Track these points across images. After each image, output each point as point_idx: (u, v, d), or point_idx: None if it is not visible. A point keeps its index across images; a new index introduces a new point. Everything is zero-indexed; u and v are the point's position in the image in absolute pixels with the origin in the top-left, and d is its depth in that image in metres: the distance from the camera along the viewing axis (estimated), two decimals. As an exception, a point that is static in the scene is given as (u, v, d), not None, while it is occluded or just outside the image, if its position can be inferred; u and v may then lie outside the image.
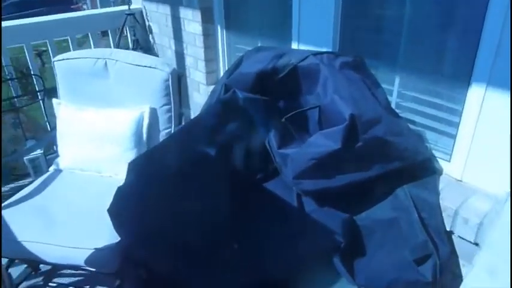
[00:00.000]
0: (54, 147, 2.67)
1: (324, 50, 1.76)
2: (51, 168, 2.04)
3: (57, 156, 2.08)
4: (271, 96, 1.49)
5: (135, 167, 1.33)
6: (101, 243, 1.49)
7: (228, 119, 1.47)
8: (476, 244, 1.34)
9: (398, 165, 1.37)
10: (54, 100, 2.06)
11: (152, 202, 1.28)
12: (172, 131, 1.97)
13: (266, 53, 1.53)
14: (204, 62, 2.46)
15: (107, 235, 1.48)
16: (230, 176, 1.41)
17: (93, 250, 1.47)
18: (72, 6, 16.24)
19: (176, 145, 1.41)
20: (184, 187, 1.32)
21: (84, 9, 17.38)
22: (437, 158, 1.53)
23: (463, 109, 1.41)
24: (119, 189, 1.31)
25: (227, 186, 1.39)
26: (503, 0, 1.18)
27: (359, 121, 1.25)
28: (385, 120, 1.30)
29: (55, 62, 2.04)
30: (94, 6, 16.76)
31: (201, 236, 1.33)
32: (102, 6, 15.75)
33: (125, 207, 1.30)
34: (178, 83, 1.93)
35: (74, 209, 1.70)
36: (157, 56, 2.94)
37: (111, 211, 1.31)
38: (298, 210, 1.34)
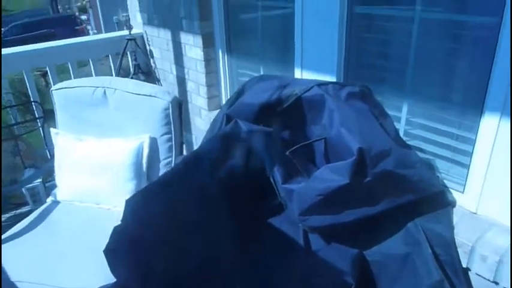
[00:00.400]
0: (54, 174, 2.64)
1: (328, 76, 1.72)
2: (49, 200, 1.99)
3: (55, 185, 2.03)
4: (274, 127, 1.44)
5: (132, 205, 1.26)
6: (97, 283, 1.42)
7: (231, 152, 1.41)
8: (496, 283, 1.26)
9: (410, 199, 1.30)
10: (52, 130, 2.02)
11: (150, 243, 1.21)
12: (173, 161, 1.91)
13: (269, 83, 1.49)
14: (206, 87, 2.42)
15: (103, 275, 1.41)
16: (233, 212, 1.34)
17: (89, 292, 1.41)
18: (76, 28, 16.56)
19: (176, 180, 1.35)
20: (184, 226, 1.26)
21: (88, 30, 17.71)
22: (450, 189, 1.46)
23: (476, 137, 1.35)
24: (116, 229, 1.25)
25: (230, 223, 1.32)
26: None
27: (368, 155, 1.19)
28: (395, 153, 1.24)
29: (53, 91, 2.00)
30: (98, 26, 17.07)
31: (202, 278, 1.26)
32: (106, 27, 16.02)
33: (121, 248, 1.24)
34: (179, 111, 1.89)
35: (70, 245, 1.64)
36: (159, 81, 2.92)
37: (107, 252, 1.24)
38: (305, 248, 1.27)
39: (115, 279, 1.31)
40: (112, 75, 2.85)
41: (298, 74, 1.88)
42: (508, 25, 1.15)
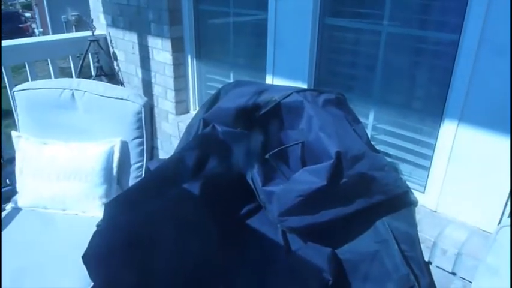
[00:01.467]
0: (7, 180, 2.48)
1: (299, 83, 1.80)
2: (9, 206, 1.89)
3: (13, 190, 1.93)
4: (252, 131, 1.48)
5: (111, 210, 1.25)
6: (71, 291, 1.38)
7: (209, 155, 1.44)
8: (454, 273, 1.38)
9: (380, 199, 1.40)
10: (13, 133, 1.92)
11: (130, 248, 1.20)
12: (144, 165, 1.89)
13: (246, 88, 1.53)
14: (174, 92, 2.41)
15: (75, 281, 1.38)
16: (213, 214, 1.36)
17: (63, 300, 1.37)
18: (20, 25, 15.60)
19: (156, 185, 1.35)
20: (165, 230, 1.26)
21: (33, 28, 16.74)
22: (413, 190, 1.58)
23: (436, 142, 1.48)
24: (95, 234, 1.23)
25: (210, 225, 1.34)
26: (473, 41, 1.27)
27: (344, 158, 1.26)
28: (367, 156, 1.33)
29: (15, 92, 1.91)
30: (44, 25, 16.19)
31: (182, 280, 1.26)
32: (52, 26, 15.22)
33: (101, 253, 1.22)
34: (151, 115, 1.88)
35: (38, 252, 1.57)
36: (123, 84, 2.86)
37: (86, 257, 1.22)
38: (284, 248, 1.32)
39: (90, 286, 1.28)
40: (66, 76, 2.73)
41: (269, 80, 1.94)
42: (467, 41, 1.29)
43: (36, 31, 16.39)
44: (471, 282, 1.32)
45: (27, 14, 18.46)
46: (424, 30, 1.49)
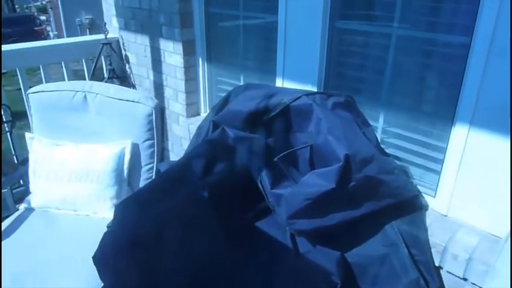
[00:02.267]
0: (21, 181, 2.53)
1: (309, 86, 1.80)
2: (22, 207, 1.93)
3: (27, 191, 1.97)
4: (261, 134, 1.49)
5: (122, 211, 1.27)
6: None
7: (219, 158, 1.44)
8: (465, 279, 1.36)
9: (389, 202, 1.39)
10: (27, 134, 1.96)
11: (141, 249, 1.22)
12: (155, 167, 1.92)
13: (256, 91, 1.54)
14: (185, 94, 2.43)
15: (86, 281, 1.40)
16: (222, 216, 1.37)
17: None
18: (35, 28, 15.90)
19: (166, 187, 1.36)
20: (174, 232, 1.27)
21: (48, 31, 17.04)
22: (423, 194, 1.56)
23: (447, 146, 1.46)
24: (105, 234, 1.25)
25: (219, 228, 1.35)
26: (484, 44, 1.25)
27: (353, 161, 1.26)
28: (376, 159, 1.32)
29: (29, 95, 1.95)
30: (59, 28, 16.47)
31: (190, 281, 1.27)
32: (67, 29, 15.48)
33: (111, 254, 1.24)
34: (161, 117, 1.90)
35: (50, 253, 1.60)
36: (134, 86, 2.89)
37: (96, 258, 1.24)
38: (293, 251, 1.32)
39: (101, 286, 1.30)
40: (79, 79, 2.78)
41: (279, 83, 1.95)
42: (478, 44, 1.28)
43: (51, 34, 16.68)
44: (482, 288, 1.30)
45: (43, 17, 18.79)
46: (435, 33, 1.48)
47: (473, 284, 1.34)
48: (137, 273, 1.22)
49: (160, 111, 1.88)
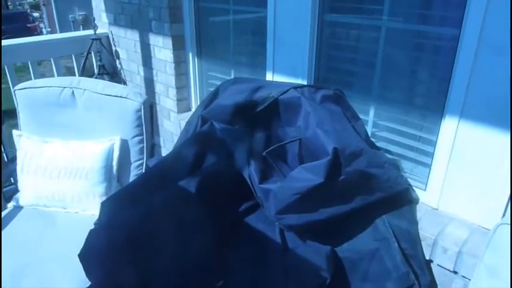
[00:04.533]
0: (11, 179, 2.50)
1: (299, 80, 1.78)
2: (10, 205, 1.90)
3: (16, 189, 1.94)
4: (250, 127, 1.47)
5: (108, 208, 1.25)
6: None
7: (207, 152, 1.43)
8: (455, 272, 1.36)
9: (379, 197, 1.38)
10: (14, 131, 1.93)
11: (127, 246, 1.20)
12: (145, 163, 1.89)
13: (244, 85, 1.52)
14: (175, 90, 2.41)
15: (76, 280, 1.38)
16: (210, 211, 1.35)
17: (61, 297, 1.37)
18: (28, 25, 15.75)
19: (153, 182, 1.35)
20: (161, 227, 1.26)
21: (41, 28, 16.89)
22: (414, 187, 1.56)
23: (437, 139, 1.45)
24: (91, 232, 1.23)
25: (207, 223, 1.34)
26: (474, 36, 1.24)
27: (342, 155, 1.25)
28: (366, 153, 1.31)
29: (16, 91, 1.92)
30: (52, 25, 16.33)
31: (180, 278, 1.26)
32: (60, 26, 15.35)
33: (97, 251, 1.22)
34: (150, 112, 1.87)
35: (39, 251, 1.57)
36: (125, 82, 2.86)
37: (82, 255, 1.22)
38: (282, 246, 1.31)
39: (88, 284, 1.29)
40: (71, 75, 2.75)
41: (269, 77, 1.93)
42: (467, 36, 1.26)
43: (44, 31, 16.53)
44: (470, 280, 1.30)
45: (36, 14, 18.61)
46: (424, 25, 1.47)
47: (464, 277, 1.34)
48: (124, 270, 1.20)
49: (149, 106, 1.85)
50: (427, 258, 1.41)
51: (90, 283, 1.27)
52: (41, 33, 16.00)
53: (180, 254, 1.26)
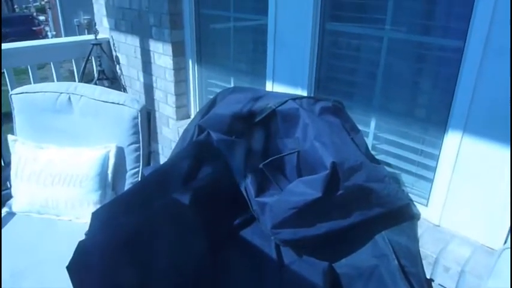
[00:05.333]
0: (8, 183, 2.47)
1: (299, 90, 1.75)
2: (4, 211, 1.87)
3: (10, 195, 1.91)
4: (247, 138, 1.43)
5: (99, 219, 1.21)
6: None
7: (203, 163, 1.39)
8: (457, 292, 1.31)
9: (379, 212, 1.34)
10: (9, 136, 1.90)
11: (117, 259, 1.16)
12: (140, 171, 1.86)
13: (242, 95, 1.49)
14: (175, 97, 2.38)
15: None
16: (205, 224, 1.31)
17: (49, 310, 1.33)
18: (33, 28, 15.85)
19: (146, 192, 1.31)
20: (153, 240, 1.22)
21: (47, 31, 16.99)
22: (415, 202, 1.51)
23: (439, 153, 1.41)
24: (80, 244, 1.19)
25: (201, 236, 1.30)
26: (479, 47, 1.21)
27: (340, 169, 1.21)
28: (365, 167, 1.27)
29: (12, 96, 1.90)
30: (57, 29, 16.43)
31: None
32: (65, 30, 15.44)
33: (86, 264, 1.18)
34: (147, 120, 1.84)
35: (29, 260, 1.54)
36: (125, 88, 2.84)
37: (70, 268, 1.17)
38: (277, 262, 1.26)
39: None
40: (72, 80, 2.73)
41: (269, 86, 1.90)
42: (472, 48, 1.23)
43: (49, 34, 16.64)
44: (475, 302, 1.25)
45: (41, 17, 18.74)
46: (428, 36, 1.44)
47: (466, 298, 1.29)
48: (112, 283, 1.16)
49: (146, 114, 1.82)
50: (428, 277, 1.36)
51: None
52: (46, 36, 16.11)
53: (174, 267, 1.22)
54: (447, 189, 1.41)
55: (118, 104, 1.78)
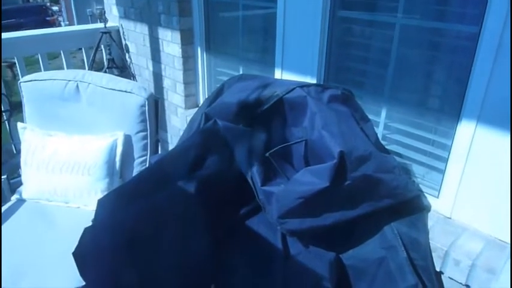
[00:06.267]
0: (20, 170, 2.50)
1: (308, 78, 1.71)
2: (14, 198, 1.89)
3: (20, 182, 1.93)
4: (254, 127, 1.41)
5: (105, 206, 1.21)
6: (66, 286, 1.36)
7: (209, 151, 1.37)
8: (468, 286, 1.28)
9: (388, 203, 1.31)
10: (19, 124, 1.92)
11: (122, 246, 1.16)
12: (148, 159, 1.86)
13: (249, 83, 1.46)
14: (183, 85, 2.36)
15: (72, 277, 1.35)
16: (210, 213, 1.30)
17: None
18: (47, 18, 15.96)
19: (152, 180, 1.30)
20: (159, 228, 1.21)
21: (60, 21, 17.11)
22: (425, 194, 1.48)
23: (452, 144, 1.37)
24: (86, 230, 1.19)
25: (207, 224, 1.29)
26: (494, 35, 1.15)
27: (348, 158, 1.18)
28: (374, 157, 1.24)
29: (22, 83, 1.90)
30: (70, 19, 16.52)
31: (175, 281, 1.21)
32: (78, 19, 15.52)
33: (92, 250, 1.18)
34: (155, 108, 1.83)
35: (38, 246, 1.56)
36: (134, 76, 2.83)
37: (76, 254, 1.18)
38: (283, 252, 1.25)
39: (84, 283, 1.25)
40: (84, 69, 2.74)
41: (278, 74, 1.87)
42: (487, 34, 1.18)
43: (63, 24, 16.74)
44: (486, 296, 1.22)
45: (55, 8, 18.85)
46: (441, 22, 1.38)
47: (476, 291, 1.26)
48: (118, 271, 1.16)
49: (153, 102, 1.81)
50: (438, 269, 1.33)
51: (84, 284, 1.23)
52: (59, 26, 16.23)
53: (178, 256, 1.21)
54: (459, 181, 1.37)
55: (125, 91, 1.77)
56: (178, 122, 2.53)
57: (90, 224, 1.25)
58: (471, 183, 1.35)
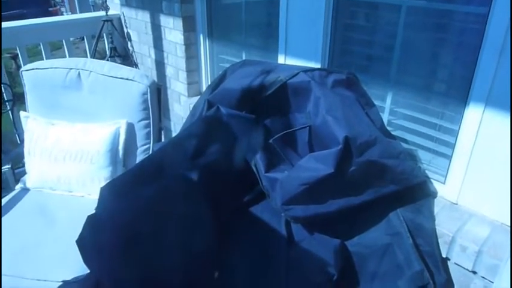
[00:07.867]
0: (24, 160, 2.51)
1: (312, 63, 1.68)
2: (18, 187, 1.89)
3: (25, 172, 1.93)
4: (257, 113, 1.39)
5: (107, 194, 1.20)
6: (70, 274, 1.36)
7: (212, 138, 1.36)
8: (474, 272, 1.27)
9: (394, 189, 1.29)
10: (21, 113, 1.91)
11: (125, 233, 1.15)
12: (151, 147, 1.84)
13: (252, 68, 1.44)
14: (186, 73, 2.34)
15: (76, 265, 1.35)
16: (214, 200, 1.29)
17: (61, 283, 1.35)
18: (50, 9, 15.87)
19: (155, 168, 1.29)
20: (162, 215, 1.20)
21: (62, 12, 17.04)
22: (432, 180, 1.46)
23: (459, 129, 1.34)
24: (89, 218, 1.18)
25: (210, 212, 1.28)
26: (504, 14, 1.12)
27: (353, 144, 1.16)
28: (380, 143, 1.22)
29: (23, 72, 1.89)
30: (73, 9, 16.44)
31: (179, 268, 1.21)
32: (81, 9, 15.43)
33: (95, 238, 1.17)
34: (157, 96, 1.81)
35: (42, 234, 1.56)
36: (136, 65, 2.81)
37: (80, 242, 1.18)
38: (287, 239, 1.24)
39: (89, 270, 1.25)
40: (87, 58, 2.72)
41: (281, 60, 1.84)
42: (497, 15, 1.14)
43: (65, 14, 16.68)
44: (493, 283, 1.20)
45: (57, -2, 18.76)
46: (448, 3, 1.34)
47: (483, 277, 1.24)
48: (120, 259, 1.16)
49: (156, 89, 1.79)
50: (444, 256, 1.32)
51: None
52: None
53: (180, 244, 1.20)
54: (466, 166, 1.35)
55: (127, 79, 1.76)
56: (181, 110, 2.51)
57: (93, 212, 1.25)
58: (478, 169, 1.32)
